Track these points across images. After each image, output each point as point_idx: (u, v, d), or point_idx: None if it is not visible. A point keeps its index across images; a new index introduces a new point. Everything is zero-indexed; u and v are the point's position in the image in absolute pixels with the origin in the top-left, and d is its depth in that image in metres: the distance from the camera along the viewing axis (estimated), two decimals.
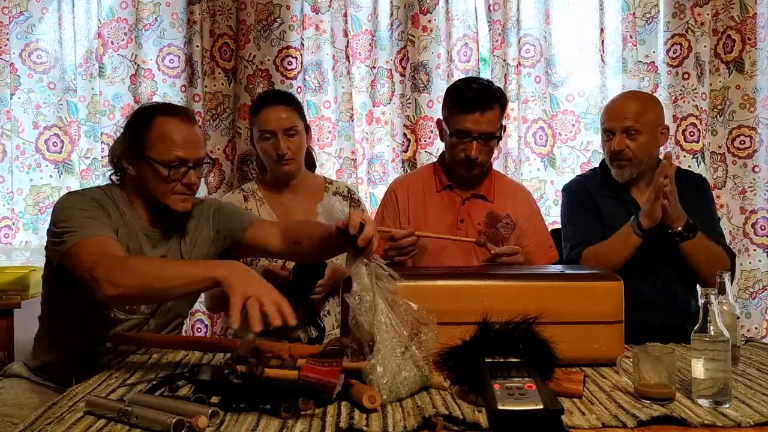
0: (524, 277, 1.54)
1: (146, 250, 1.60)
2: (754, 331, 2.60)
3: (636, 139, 1.98)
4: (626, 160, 2.00)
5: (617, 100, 2.10)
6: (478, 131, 1.94)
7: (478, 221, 2.04)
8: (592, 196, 2.10)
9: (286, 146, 2.08)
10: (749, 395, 1.22)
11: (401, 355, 1.21)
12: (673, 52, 2.62)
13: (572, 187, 2.18)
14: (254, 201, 2.18)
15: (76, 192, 1.65)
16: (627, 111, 2.00)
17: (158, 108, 1.63)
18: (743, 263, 2.61)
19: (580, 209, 2.11)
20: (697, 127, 2.58)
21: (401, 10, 2.64)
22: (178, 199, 1.58)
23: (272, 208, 2.18)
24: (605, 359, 1.41)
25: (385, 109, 2.66)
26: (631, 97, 2.11)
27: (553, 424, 1.00)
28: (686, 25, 2.59)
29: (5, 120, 2.58)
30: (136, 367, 1.46)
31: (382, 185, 2.64)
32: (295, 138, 2.10)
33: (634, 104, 2.02)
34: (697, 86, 2.58)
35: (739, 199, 2.63)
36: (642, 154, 2.00)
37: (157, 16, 2.61)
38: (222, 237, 1.72)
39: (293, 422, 1.08)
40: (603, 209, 2.07)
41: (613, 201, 2.07)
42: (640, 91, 2.41)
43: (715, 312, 1.19)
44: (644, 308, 1.89)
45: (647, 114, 2.01)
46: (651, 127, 2.01)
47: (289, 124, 2.09)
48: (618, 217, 1.99)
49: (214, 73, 2.61)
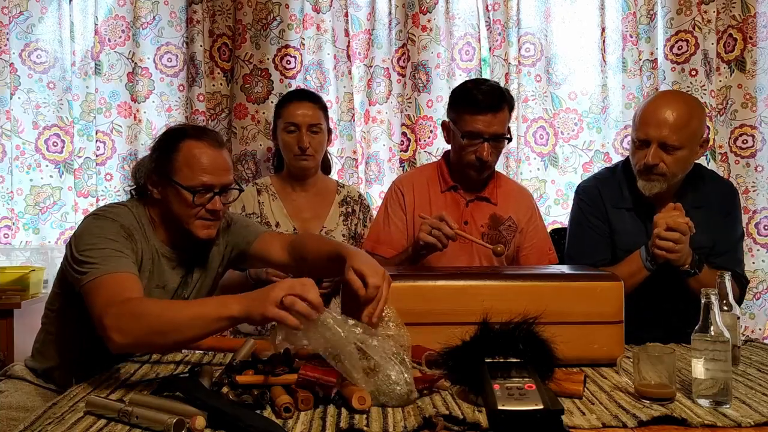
0: (524, 277, 1.53)
1: (166, 272, 1.58)
2: (758, 332, 2.59)
3: (674, 153, 1.75)
4: (660, 174, 1.78)
5: (655, 107, 1.79)
6: (490, 132, 1.93)
7: (481, 223, 2.04)
8: (606, 208, 1.91)
9: (308, 141, 2.13)
10: (749, 395, 1.22)
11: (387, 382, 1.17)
12: (678, 48, 2.60)
13: (585, 194, 1.99)
14: (267, 195, 2.21)
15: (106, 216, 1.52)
16: (667, 121, 1.74)
17: (187, 131, 1.60)
18: (746, 264, 2.59)
19: (588, 225, 1.93)
20: (706, 125, 2.56)
21: (400, 10, 2.64)
22: (201, 225, 1.55)
23: (284, 204, 2.21)
24: (605, 359, 1.41)
25: (381, 108, 2.66)
26: (672, 104, 1.78)
27: (553, 424, 1.00)
28: (693, 22, 2.57)
29: (5, 120, 2.58)
30: (136, 368, 1.46)
31: (377, 185, 2.64)
32: (317, 135, 2.16)
33: (677, 113, 1.75)
34: (705, 83, 2.56)
35: (742, 199, 2.61)
36: (677, 170, 1.78)
37: (155, 14, 2.60)
38: (229, 251, 1.72)
39: (293, 422, 1.08)
40: (616, 225, 1.90)
41: (631, 216, 1.89)
42: (683, 94, 2.07)
43: (715, 312, 1.19)
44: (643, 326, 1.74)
45: (690, 125, 1.75)
46: (692, 140, 1.77)
47: (314, 120, 2.15)
48: (633, 237, 1.85)
49: (213, 74, 2.61)
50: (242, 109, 2.56)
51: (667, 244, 1.68)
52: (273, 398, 1.14)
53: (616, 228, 1.90)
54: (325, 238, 1.90)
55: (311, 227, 2.21)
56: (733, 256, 1.89)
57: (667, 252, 1.69)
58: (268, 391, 1.16)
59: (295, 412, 1.11)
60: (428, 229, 1.81)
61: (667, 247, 1.68)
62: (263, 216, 2.19)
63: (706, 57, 2.58)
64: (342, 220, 2.23)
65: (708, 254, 1.83)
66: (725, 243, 1.87)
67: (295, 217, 2.20)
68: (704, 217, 1.82)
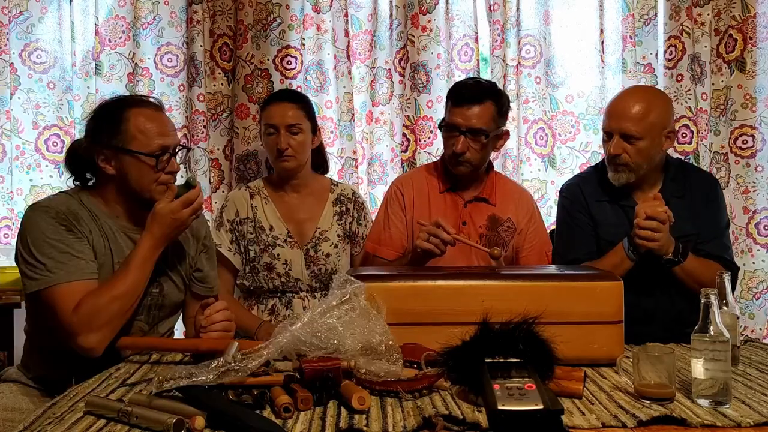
0: (524, 277, 1.53)
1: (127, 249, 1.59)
2: (758, 332, 2.59)
3: (635, 144, 1.85)
4: (623, 164, 1.88)
5: (618, 100, 1.94)
6: (466, 125, 1.94)
7: (480, 224, 2.04)
8: (587, 202, 1.99)
9: (286, 142, 2.11)
10: (749, 395, 1.22)
11: None
12: (669, 53, 2.62)
13: (567, 192, 2.07)
14: (259, 198, 2.21)
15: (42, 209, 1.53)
16: (627, 113, 1.86)
17: (127, 100, 1.65)
18: (746, 264, 2.60)
19: (571, 222, 2.01)
20: (690, 128, 2.57)
21: (401, 10, 2.64)
22: (162, 189, 1.58)
23: (276, 207, 2.20)
24: (605, 359, 1.41)
25: (384, 109, 2.66)
26: (634, 97, 1.92)
27: (553, 424, 0.99)
28: (681, 27, 2.58)
29: (5, 120, 2.57)
30: (136, 368, 1.46)
31: (381, 185, 2.64)
32: (298, 136, 2.13)
33: (637, 106, 1.86)
34: (690, 87, 2.57)
35: (742, 199, 2.62)
36: (641, 160, 1.87)
37: (155, 14, 2.60)
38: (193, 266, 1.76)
39: (293, 422, 1.08)
40: (598, 217, 1.97)
41: (612, 206, 1.97)
42: (647, 88, 2.24)
43: (715, 312, 1.19)
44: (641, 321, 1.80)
45: (649, 117, 1.85)
46: (653, 131, 1.86)
47: (293, 121, 2.13)
48: (615, 228, 1.91)
49: (214, 74, 2.61)
50: (244, 109, 2.56)
51: (646, 233, 1.75)
52: (273, 398, 1.14)
53: (599, 220, 1.97)
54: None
55: (305, 229, 2.20)
56: (719, 242, 1.94)
57: (647, 241, 1.75)
58: (267, 391, 1.16)
59: (295, 412, 1.11)
60: (426, 236, 1.81)
61: (647, 236, 1.75)
62: (257, 220, 2.18)
63: (696, 60, 2.58)
64: (336, 219, 2.22)
65: (695, 242, 1.88)
66: (711, 230, 1.92)
67: (289, 219, 2.19)
68: (687, 205, 1.91)
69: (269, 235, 2.16)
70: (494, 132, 1.99)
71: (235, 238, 2.19)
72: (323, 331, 1.24)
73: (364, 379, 1.19)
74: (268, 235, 2.16)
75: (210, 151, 2.57)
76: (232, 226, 2.19)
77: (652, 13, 2.63)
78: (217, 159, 2.58)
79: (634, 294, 1.69)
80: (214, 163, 2.58)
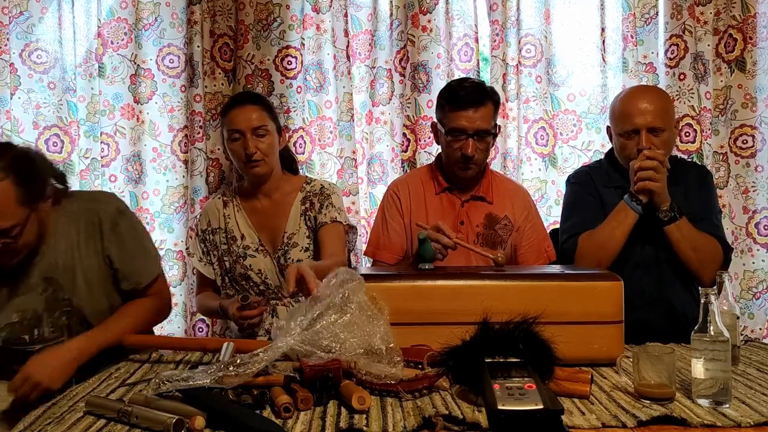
0: (524, 277, 1.53)
1: None
2: (757, 332, 2.59)
3: (660, 135, 1.94)
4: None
5: (633, 99, 1.99)
6: (473, 128, 1.94)
7: (477, 223, 2.04)
8: (597, 187, 2.07)
9: (254, 146, 2.04)
10: (749, 395, 1.22)
11: None
12: (671, 52, 2.62)
13: (577, 177, 2.15)
14: (232, 207, 2.16)
15: None
16: (649, 108, 1.93)
17: None
18: (746, 263, 2.60)
19: (583, 200, 2.07)
20: (693, 127, 2.57)
21: (401, 10, 2.64)
22: None
23: (248, 216, 2.15)
24: (605, 359, 1.41)
25: (384, 109, 2.66)
26: (648, 94, 2.00)
27: (553, 424, 0.99)
28: (683, 26, 2.58)
29: (5, 120, 2.57)
30: (136, 367, 1.46)
31: (381, 185, 2.64)
32: (265, 138, 2.07)
33: (654, 101, 1.96)
34: (693, 86, 2.57)
35: (742, 199, 2.62)
36: (667, 150, 1.95)
37: (156, 16, 2.60)
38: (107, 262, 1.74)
39: (293, 422, 1.08)
40: (607, 200, 2.03)
41: (620, 192, 2.00)
42: (651, 86, 2.35)
43: (715, 312, 1.19)
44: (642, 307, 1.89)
45: (667, 109, 1.98)
46: (672, 122, 1.99)
47: (258, 123, 2.06)
48: None
49: (214, 74, 2.60)
50: None
51: (648, 173, 1.85)
52: (273, 398, 1.14)
53: (607, 201, 2.04)
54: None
55: (275, 237, 2.11)
56: (712, 222, 2.01)
57: (649, 181, 1.85)
58: (267, 391, 1.17)
59: (295, 412, 1.12)
60: None
61: (648, 176, 1.85)
62: (228, 230, 2.13)
63: (700, 59, 2.58)
64: (303, 220, 2.11)
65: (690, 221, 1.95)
66: (704, 210, 2.00)
67: (261, 227, 2.13)
68: (681, 191, 1.99)
69: (240, 245, 2.10)
70: (495, 130, 2.02)
71: (206, 249, 2.16)
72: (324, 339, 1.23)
73: (364, 379, 1.20)
74: (239, 245, 2.10)
75: (210, 150, 2.57)
76: (204, 236, 2.16)
77: (652, 12, 2.63)
78: (217, 159, 2.58)
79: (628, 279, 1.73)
80: (213, 163, 2.58)
